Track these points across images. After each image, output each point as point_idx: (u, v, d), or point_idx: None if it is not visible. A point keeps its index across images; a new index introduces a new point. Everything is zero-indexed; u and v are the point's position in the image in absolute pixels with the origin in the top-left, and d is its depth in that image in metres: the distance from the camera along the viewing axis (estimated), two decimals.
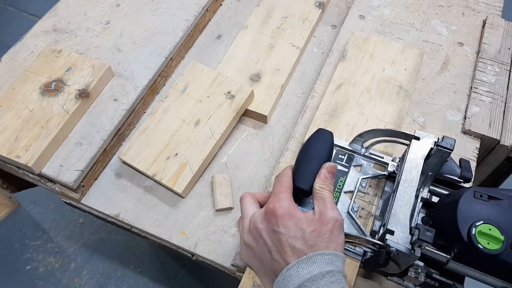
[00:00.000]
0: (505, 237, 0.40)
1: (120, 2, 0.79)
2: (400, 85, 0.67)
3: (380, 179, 0.56)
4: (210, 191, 0.62)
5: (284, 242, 0.42)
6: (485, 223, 0.41)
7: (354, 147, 0.58)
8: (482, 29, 0.76)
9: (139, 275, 1.32)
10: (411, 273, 0.48)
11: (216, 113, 0.64)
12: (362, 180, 0.55)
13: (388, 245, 0.43)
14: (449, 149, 0.48)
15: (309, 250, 0.42)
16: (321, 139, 0.50)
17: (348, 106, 0.65)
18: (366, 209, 0.54)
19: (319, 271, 0.40)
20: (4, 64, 0.72)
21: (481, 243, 0.40)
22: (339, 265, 0.42)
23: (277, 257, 0.43)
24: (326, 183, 0.46)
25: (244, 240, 0.47)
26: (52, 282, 1.31)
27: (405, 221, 0.44)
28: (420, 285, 0.51)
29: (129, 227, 0.61)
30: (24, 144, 0.60)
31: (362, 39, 0.72)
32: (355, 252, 0.51)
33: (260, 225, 0.45)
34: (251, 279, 0.49)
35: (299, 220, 0.43)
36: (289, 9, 0.78)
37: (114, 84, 0.69)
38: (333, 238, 0.43)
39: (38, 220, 1.42)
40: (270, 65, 0.71)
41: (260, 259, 0.46)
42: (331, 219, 0.43)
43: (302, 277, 0.40)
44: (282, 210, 0.43)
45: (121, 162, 0.64)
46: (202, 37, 0.79)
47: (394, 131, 0.53)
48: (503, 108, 0.66)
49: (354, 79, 0.68)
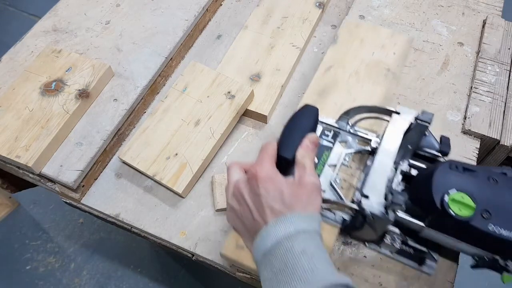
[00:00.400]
0: (477, 205, 0.43)
1: (120, 2, 0.79)
2: (388, 68, 0.69)
3: (364, 154, 0.59)
4: (210, 191, 0.62)
5: (264, 203, 0.45)
6: (458, 191, 0.44)
7: (340, 124, 0.60)
8: (482, 29, 0.76)
9: (139, 275, 1.32)
10: (387, 239, 0.51)
11: (216, 113, 0.64)
12: (345, 155, 0.58)
13: (363, 208, 0.45)
14: (426, 122, 0.51)
15: (287, 210, 0.44)
16: (306, 113, 0.52)
17: (336, 87, 0.67)
18: (348, 181, 0.57)
19: (295, 229, 0.43)
20: (4, 64, 0.72)
21: (453, 210, 0.43)
22: (315, 225, 0.45)
23: (257, 218, 0.46)
24: (308, 152, 0.49)
25: (229, 203, 0.50)
26: (52, 282, 1.31)
27: (380, 187, 0.47)
28: (396, 251, 0.54)
29: (129, 227, 0.61)
30: (24, 144, 0.60)
31: (353, 25, 0.75)
32: (335, 220, 0.54)
33: (243, 189, 0.48)
34: (234, 241, 0.52)
35: (278, 183, 0.46)
36: (289, 9, 0.78)
37: (114, 84, 0.69)
38: (310, 200, 0.46)
39: (38, 220, 1.42)
40: (270, 65, 0.71)
41: (242, 221, 0.49)
42: (309, 182, 0.46)
43: (279, 235, 0.43)
44: (263, 173, 0.46)
45: (121, 162, 0.64)
46: (202, 37, 0.79)
47: (377, 107, 0.56)
48: (503, 108, 0.66)
49: (343, 62, 0.70)
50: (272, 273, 0.42)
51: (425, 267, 0.53)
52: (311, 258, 0.42)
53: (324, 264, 0.42)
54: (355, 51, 0.71)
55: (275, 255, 0.43)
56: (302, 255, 0.42)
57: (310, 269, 0.41)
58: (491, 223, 0.43)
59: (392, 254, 0.54)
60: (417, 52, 0.74)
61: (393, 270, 0.53)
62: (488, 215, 0.43)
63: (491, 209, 0.43)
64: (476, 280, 1.29)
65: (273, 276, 0.42)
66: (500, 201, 0.44)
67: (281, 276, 0.41)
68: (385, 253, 0.54)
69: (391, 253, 0.54)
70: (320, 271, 0.41)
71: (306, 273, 0.41)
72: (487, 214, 0.43)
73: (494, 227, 0.43)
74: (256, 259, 0.46)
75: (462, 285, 1.30)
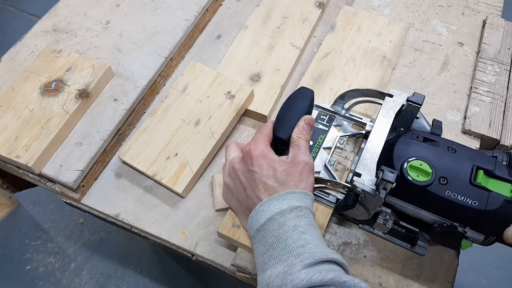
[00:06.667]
0: (434, 171, 0.45)
1: (120, 2, 0.79)
2: (384, 55, 0.71)
3: (358, 137, 0.61)
4: (210, 191, 0.62)
5: (258, 180, 0.46)
6: (417, 159, 0.46)
7: (335, 109, 0.62)
8: (482, 29, 0.77)
9: (139, 275, 1.32)
10: (380, 220, 0.52)
11: (216, 113, 0.64)
12: (340, 138, 0.60)
13: (355, 186, 0.46)
14: (417, 104, 0.52)
15: (280, 187, 0.46)
16: (302, 95, 0.53)
17: (333, 73, 0.69)
18: (343, 163, 0.58)
19: (288, 206, 0.44)
20: (4, 64, 0.72)
21: (411, 176, 0.45)
22: (307, 202, 0.46)
23: (251, 194, 0.47)
24: (303, 133, 0.50)
25: (224, 181, 0.52)
26: (52, 282, 1.31)
27: (372, 166, 0.48)
28: (388, 232, 0.55)
29: (129, 227, 0.61)
30: (24, 144, 0.60)
31: (351, 13, 0.76)
32: (329, 199, 0.55)
33: (237, 166, 0.49)
34: (231, 220, 0.53)
35: (272, 160, 0.47)
36: (289, 9, 0.78)
37: (114, 84, 0.69)
38: (302, 178, 0.47)
39: (38, 220, 1.42)
40: (270, 65, 0.71)
41: (237, 198, 0.50)
42: (302, 161, 0.47)
43: (272, 211, 0.44)
44: (257, 151, 0.48)
45: (121, 162, 0.64)
46: (202, 37, 0.79)
47: (371, 90, 0.57)
48: (503, 108, 0.66)
49: (340, 48, 0.72)
50: (265, 248, 0.44)
51: (417, 248, 0.54)
52: (303, 234, 0.43)
53: (315, 240, 0.43)
54: (352, 39, 0.73)
55: (268, 230, 0.44)
56: (294, 230, 0.43)
57: (301, 244, 0.42)
58: (448, 189, 0.45)
59: (384, 235, 0.55)
60: (417, 52, 0.74)
61: (393, 270, 0.54)
62: (445, 181, 0.45)
63: (448, 176, 0.45)
64: (476, 280, 1.29)
65: (266, 251, 0.43)
66: (457, 169, 0.46)
67: (273, 250, 0.43)
68: (377, 234, 0.55)
69: (383, 234, 0.55)
70: (311, 246, 0.42)
71: (297, 247, 0.42)
72: (444, 180, 0.45)
73: (451, 193, 0.45)
74: (250, 234, 0.47)
75: (462, 285, 1.30)
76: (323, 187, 0.54)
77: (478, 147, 0.63)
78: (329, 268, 0.40)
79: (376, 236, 0.56)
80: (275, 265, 0.41)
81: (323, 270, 0.39)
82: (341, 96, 0.60)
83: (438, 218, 0.47)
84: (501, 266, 1.31)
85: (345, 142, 0.60)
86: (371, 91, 0.57)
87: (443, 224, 0.47)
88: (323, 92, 0.67)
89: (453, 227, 0.46)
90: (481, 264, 1.32)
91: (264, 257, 0.43)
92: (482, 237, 0.47)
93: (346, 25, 0.75)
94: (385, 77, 0.68)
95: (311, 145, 0.58)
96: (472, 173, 0.46)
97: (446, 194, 0.45)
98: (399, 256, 0.55)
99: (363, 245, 0.55)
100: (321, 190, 0.55)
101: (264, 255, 0.43)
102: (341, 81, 0.68)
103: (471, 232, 0.47)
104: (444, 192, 0.45)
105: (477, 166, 0.46)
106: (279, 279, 0.40)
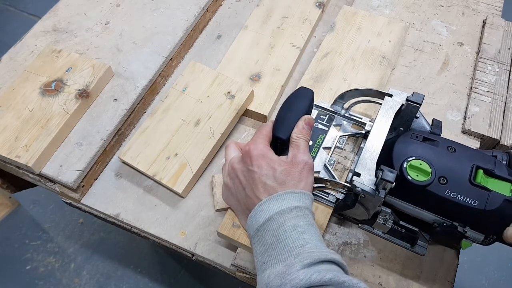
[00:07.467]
0: (434, 171, 0.45)
1: (120, 2, 0.79)
2: (383, 55, 0.71)
3: (358, 137, 0.60)
4: (210, 191, 0.62)
5: (257, 179, 0.46)
6: (416, 158, 0.46)
7: (335, 108, 0.62)
8: (482, 29, 0.77)
9: (139, 275, 1.32)
10: (380, 219, 0.52)
11: (216, 113, 0.64)
12: (340, 138, 0.60)
13: (354, 186, 0.46)
14: (417, 103, 0.52)
15: (279, 187, 0.46)
16: (301, 95, 0.53)
17: (332, 73, 0.69)
18: (342, 163, 0.58)
19: (287, 206, 0.44)
20: (4, 64, 0.72)
21: (411, 175, 0.45)
22: (306, 202, 0.46)
23: (250, 194, 0.47)
24: (303, 133, 0.50)
25: (224, 181, 0.52)
26: (52, 282, 1.31)
27: (371, 165, 0.48)
28: (388, 232, 0.55)
29: (129, 227, 0.61)
30: (24, 144, 0.60)
31: (351, 13, 0.76)
32: (328, 199, 0.55)
33: (237, 166, 0.49)
34: (231, 220, 0.53)
35: (271, 160, 0.47)
36: (289, 9, 0.78)
37: (114, 84, 0.69)
38: (302, 178, 0.47)
39: (38, 220, 1.42)
40: (270, 65, 0.71)
41: (236, 198, 0.50)
42: (301, 161, 0.47)
43: (271, 211, 0.44)
44: (257, 151, 0.47)
45: (121, 162, 0.64)
46: (202, 37, 0.79)
47: (370, 90, 0.57)
48: (503, 108, 0.66)
49: (340, 48, 0.72)
50: (264, 248, 0.44)
51: (417, 248, 0.54)
52: (302, 234, 0.43)
53: (314, 240, 0.43)
54: (351, 39, 0.73)
55: (267, 230, 0.44)
56: (293, 230, 0.43)
57: (300, 244, 0.42)
58: (448, 189, 0.45)
59: (384, 235, 0.55)
60: (417, 52, 0.74)
61: (393, 270, 0.54)
62: (444, 181, 0.45)
63: (448, 176, 0.45)
64: (476, 280, 1.29)
65: (265, 250, 0.43)
66: (457, 168, 0.46)
67: (272, 250, 0.43)
68: (377, 234, 0.55)
69: (383, 234, 0.55)
70: (310, 246, 0.42)
71: (296, 247, 0.42)
72: (444, 180, 0.45)
73: (451, 192, 0.45)
74: (249, 234, 0.47)
75: (462, 285, 1.30)
76: (322, 187, 0.54)
77: (478, 147, 0.63)
78: (328, 268, 0.40)
79: (376, 236, 0.56)
80: (274, 265, 0.41)
81: (322, 270, 0.39)
82: (340, 96, 0.60)
83: (438, 218, 0.47)
84: (501, 266, 1.31)
85: (344, 142, 0.60)
86: (370, 91, 0.57)
87: (443, 224, 0.47)
88: (323, 92, 0.67)
89: (453, 226, 0.47)
90: (481, 264, 1.32)
91: (263, 257, 0.43)
92: (482, 237, 0.47)
93: (346, 25, 0.75)
94: (385, 77, 0.68)
95: (310, 145, 0.58)
96: (472, 172, 0.46)
97: (446, 194, 0.45)
98: (399, 256, 0.55)
99: (363, 245, 0.55)
100: (320, 190, 0.55)
101: (263, 255, 0.43)
102: (341, 81, 0.68)
103: (471, 232, 0.47)
104: (444, 191, 0.45)
105: (477, 166, 0.46)
106: (278, 279, 0.40)
